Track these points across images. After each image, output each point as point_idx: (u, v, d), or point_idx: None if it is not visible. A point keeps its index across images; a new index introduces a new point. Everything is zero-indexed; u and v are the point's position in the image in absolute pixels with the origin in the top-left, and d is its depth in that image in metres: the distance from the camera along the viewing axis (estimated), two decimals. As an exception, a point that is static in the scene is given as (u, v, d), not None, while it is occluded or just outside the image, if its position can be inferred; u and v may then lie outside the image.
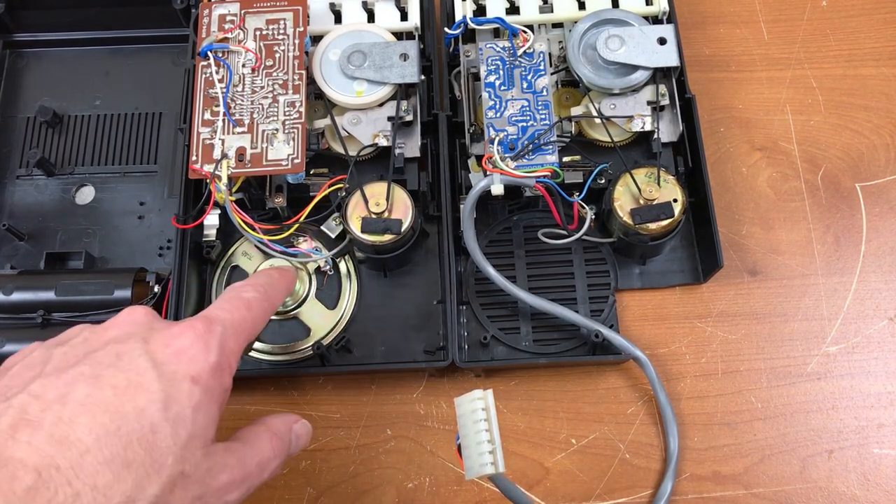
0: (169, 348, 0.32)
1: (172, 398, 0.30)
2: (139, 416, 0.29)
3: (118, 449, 0.28)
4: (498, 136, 0.47)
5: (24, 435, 0.27)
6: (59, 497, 0.26)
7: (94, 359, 0.31)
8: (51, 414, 0.28)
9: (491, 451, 0.33)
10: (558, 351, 0.48)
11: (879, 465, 0.46)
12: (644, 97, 0.50)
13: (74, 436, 0.28)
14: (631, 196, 0.47)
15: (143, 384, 0.30)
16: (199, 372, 0.32)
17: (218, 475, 0.32)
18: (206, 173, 0.45)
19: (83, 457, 0.27)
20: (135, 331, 0.33)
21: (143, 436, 0.29)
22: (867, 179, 0.53)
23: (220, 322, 0.34)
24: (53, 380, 0.30)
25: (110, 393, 0.29)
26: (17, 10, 0.56)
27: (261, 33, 0.48)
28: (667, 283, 0.51)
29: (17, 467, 0.26)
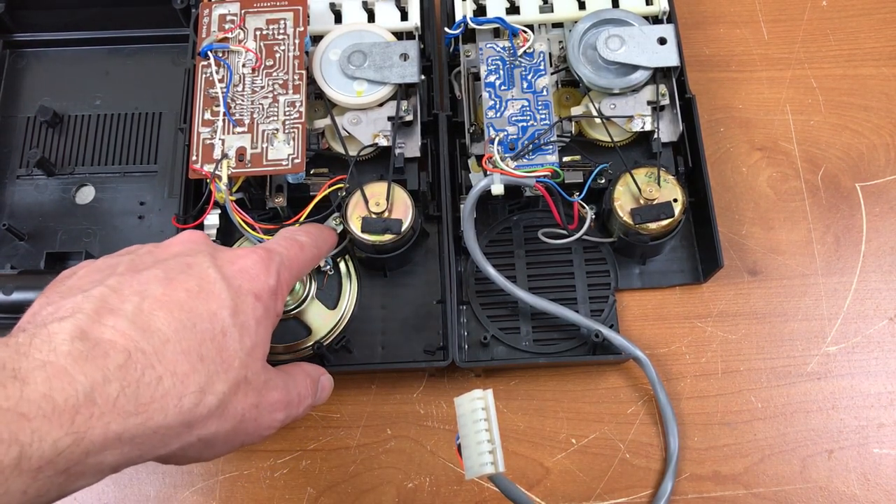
0: (234, 265, 0.34)
1: (239, 308, 0.32)
2: (211, 318, 0.31)
3: (194, 343, 0.30)
4: (498, 135, 0.47)
5: (109, 320, 0.29)
6: (146, 378, 0.28)
7: (165, 265, 0.32)
8: (130, 304, 0.30)
9: (491, 450, 0.33)
10: (558, 351, 0.48)
11: (879, 465, 0.46)
12: (644, 97, 0.50)
13: (154, 326, 0.29)
14: (631, 196, 0.47)
15: (214, 291, 0.32)
16: (261, 290, 0.34)
17: (271, 391, 0.34)
18: (206, 173, 0.45)
19: (164, 345, 0.29)
20: (199, 248, 0.35)
21: (214, 336, 0.31)
22: (867, 179, 0.53)
23: (278, 253, 0.36)
24: (128, 278, 0.31)
25: (184, 294, 0.31)
26: (17, 10, 0.56)
27: (261, 33, 0.48)
28: (667, 283, 0.51)
29: (108, 346, 0.28)
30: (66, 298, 0.30)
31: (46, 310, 0.30)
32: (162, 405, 0.28)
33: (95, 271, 0.33)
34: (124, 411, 0.27)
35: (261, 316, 0.33)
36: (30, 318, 0.31)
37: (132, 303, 0.30)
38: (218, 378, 0.30)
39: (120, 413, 0.27)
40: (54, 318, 0.29)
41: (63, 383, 0.26)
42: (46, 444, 0.25)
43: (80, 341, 0.27)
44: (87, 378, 0.26)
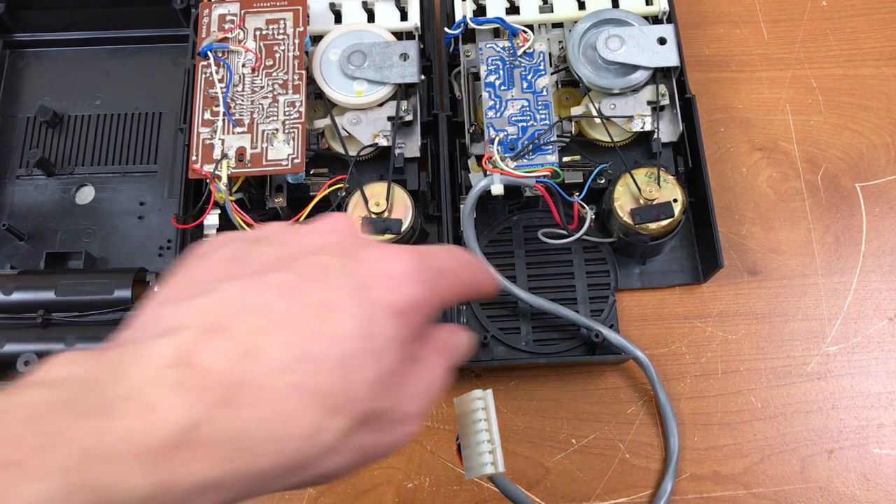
0: (376, 270, 0.28)
1: (373, 328, 0.27)
2: (337, 342, 0.26)
3: (310, 375, 0.25)
4: (498, 136, 0.47)
5: (219, 343, 0.25)
6: (250, 418, 0.24)
7: (294, 268, 0.27)
8: (244, 323, 0.25)
9: (490, 450, 0.33)
10: (558, 351, 0.48)
11: (879, 465, 0.46)
12: (644, 97, 0.50)
13: (268, 353, 0.25)
14: (631, 196, 0.47)
15: (344, 308, 0.26)
16: (406, 304, 0.28)
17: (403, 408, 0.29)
18: (206, 173, 0.45)
19: (275, 377, 0.25)
20: (345, 241, 0.29)
21: (339, 364, 0.26)
22: (867, 179, 0.53)
23: (436, 260, 0.30)
24: (250, 283, 0.27)
25: (308, 311, 0.26)
26: (17, 10, 0.56)
27: (261, 33, 0.48)
28: (667, 283, 0.51)
29: (209, 380, 0.24)
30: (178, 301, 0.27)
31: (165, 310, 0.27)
32: (270, 450, 0.24)
33: (222, 263, 0.28)
34: (222, 457, 0.24)
35: (399, 335, 0.27)
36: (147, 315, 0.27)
37: (248, 322, 0.25)
38: (339, 415, 0.26)
39: (217, 458, 0.23)
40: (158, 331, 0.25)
41: (155, 420, 0.23)
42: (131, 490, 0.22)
43: (181, 369, 0.24)
44: (184, 415, 0.23)
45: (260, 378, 0.24)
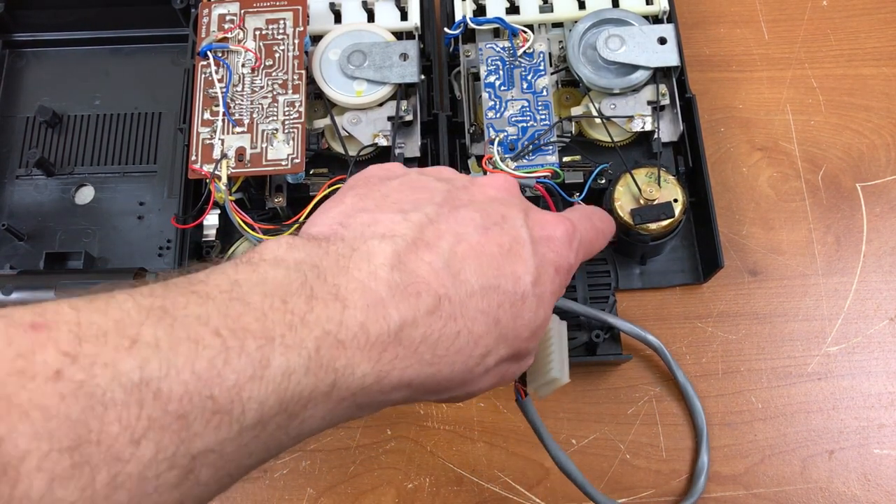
0: (543, 231, 0.31)
1: (541, 278, 0.30)
2: (515, 282, 0.29)
3: (494, 304, 0.28)
4: (498, 136, 0.47)
5: (426, 255, 0.27)
6: (447, 330, 0.27)
7: (483, 209, 0.30)
8: (447, 244, 0.28)
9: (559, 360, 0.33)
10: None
11: (880, 466, 0.46)
12: (644, 97, 0.50)
13: (465, 275, 0.28)
14: (631, 196, 0.47)
15: (522, 254, 0.30)
16: (561, 265, 0.32)
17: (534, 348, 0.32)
18: (205, 173, 0.45)
19: (469, 299, 0.28)
20: (513, 200, 0.32)
21: (514, 301, 0.29)
22: (868, 179, 0.53)
23: (580, 231, 0.34)
24: (447, 211, 0.30)
25: (496, 248, 0.29)
26: (17, 10, 0.56)
27: (260, 33, 0.48)
28: (667, 283, 0.50)
29: (422, 287, 0.26)
30: (383, 211, 0.29)
31: (361, 217, 0.29)
32: (452, 360, 0.27)
33: (411, 188, 0.31)
34: (422, 359, 0.26)
35: (556, 290, 0.31)
36: (342, 217, 0.29)
37: (448, 242, 0.28)
38: (505, 343, 0.29)
39: (418, 360, 0.26)
40: (373, 233, 0.28)
41: (378, 315, 0.25)
42: (355, 377, 0.24)
43: (399, 272, 0.26)
44: (400, 316, 0.25)
45: (456, 296, 0.27)
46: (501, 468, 0.47)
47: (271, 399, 0.22)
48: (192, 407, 0.21)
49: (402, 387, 0.26)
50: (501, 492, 0.46)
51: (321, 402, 0.24)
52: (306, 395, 0.23)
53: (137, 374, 0.20)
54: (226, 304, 0.23)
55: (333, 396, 0.24)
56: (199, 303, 0.23)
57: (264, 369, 0.22)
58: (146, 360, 0.21)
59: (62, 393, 0.19)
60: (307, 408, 0.24)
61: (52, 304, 0.21)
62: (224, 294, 0.23)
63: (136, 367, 0.20)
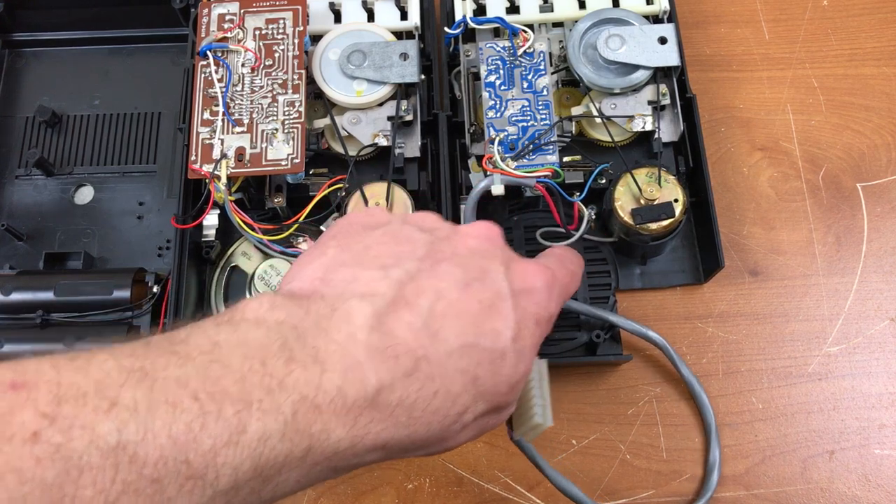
0: (524, 283, 0.31)
1: (521, 332, 0.30)
2: (495, 338, 0.29)
3: (472, 362, 0.28)
4: (498, 136, 0.46)
5: (406, 315, 0.27)
6: (424, 391, 0.27)
7: (464, 264, 0.30)
8: (426, 301, 0.28)
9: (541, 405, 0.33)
10: (559, 351, 0.48)
11: (881, 466, 0.46)
12: (645, 97, 0.49)
13: (443, 335, 0.28)
14: (632, 196, 0.47)
15: (503, 309, 0.29)
16: (541, 316, 0.31)
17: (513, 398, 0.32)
18: (205, 173, 0.45)
19: (447, 359, 0.27)
20: (493, 250, 0.32)
21: (493, 358, 0.29)
22: (868, 179, 0.53)
23: (559, 281, 0.33)
24: (428, 266, 0.29)
25: (476, 306, 0.29)
26: (16, 10, 0.56)
27: (260, 33, 0.48)
28: (668, 284, 0.50)
29: (400, 349, 0.27)
30: (363, 267, 0.29)
31: (342, 272, 0.29)
32: (429, 421, 0.27)
33: (393, 240, 0.31)
34: (398, 422, 0.26)
35: (537, 342, 0.31)
36: (323, 272, 0.29)
37: (428, 300, 0.28)
38: (483, 400, 0.29)
39: (394, 423, 0.26)
40: (353, 291, 0.28)
41: (356, 379, 0.25)
42: (330, 442, 0.25)
43: (378, 333, 0.26)
44: (377, 379, 0.26)
45: (434, 355, 0.27)
46: (501, 468, 0.47)
47: (246, 464, 0.23)
48: (166, 471, 0.21)
49: (376, 449, 0.26)
50: (501, 492, 0.46)
51: (296, 467, 0.24)
52: (281, 461, 0.24)
53: (115, 437, 0.20)
54: (205, 366, 0.23)
55: (308, 461, 0.24)
56: (179, 364, 0.23)
57: (240, 434, 0.22)
58: (124, 423, 0.21)
59: (38, 456, 0.19)
60: (281, 472, 0.24)
61: (34, 361, 0.21)
62: (204, 356, 0.24)
63: (115, 430, 0.21)
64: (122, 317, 0.47)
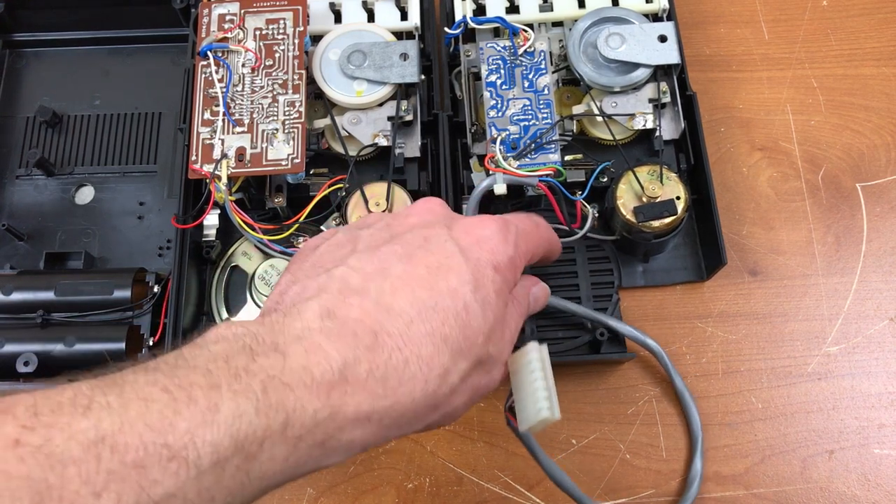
0: (471, 236, 0.32)
1: (479, 282, 0.31)
2: (453, 295, 0.30)
3: (437, 324, 0.29)
4: (500, 135, 0.46)
5: (354, 300, 0.29)
6: (393, 360, 0.28)
7: (403, 240, 0.32)
8: (373, 284, 0.30)
9: (547, 397, 0.33)
10: (563, 350, 0.48)
11: (880, 466, 0.46)
12: (645, 95, 0.50)
13: (398, 307, 0.29)
14: (634, 194, 0.47)
15: (453, 266, 0.31)
16: (499, 261, 0.32)
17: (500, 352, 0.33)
18: (205, 173, 0.45)
19: (409, 327, 0.29)
20: (435, 219, 0.34)
21: (457, 314, 0.30)
22: (868, 179, 0.53)
23: (514, 224, 0.35)
24: (368, 255, 0.31)
25: (424, 271, 0.30)
26: (16, 10, 0.56)
27: (260, 33, 0.48)
28: (670, 281, 0.50)
29: (357, 326, 0.28)
30: (311, 278, 0.31)
31: (293, 289, 0.31)
32: (409, 389, 0.28)
33: (336, 247, 0.33)
34: (374, 393, 0.27)
35: (500, 288, 0.32)
36: (278, 297, 0.31)
37: (375, 283, 0.30)
38: (461, 356, 0.30)
39: (370, 393, 0.27)
40: (302, 297, 0.30)
41: (319, 358, 0.27)
42: (307, 413, 0.26)
43: (330, 320, 0.28)
44: (340, 355, 0.27)
45: (394, 328, 0.28)
46: (501, 468, 0.47)
47: (225, 441, 0.24)
48: (147, 456, 0.22)
49: (360, 420, 0.27)
50: (501, 492, 0.46)
51: (278, 442, 0.25)
52: (260, 435, 0.25)
53: (93, 432, 0.22)
54: (172, 370, 0.25)
55: (289, 434, 0.25)
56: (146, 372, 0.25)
57: (214, 414, 0.24)
58: (100, 420, 0.22)
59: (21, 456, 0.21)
60: (263, 448, 0.25)
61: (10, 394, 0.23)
62: (169, 365, 0.25)
63: (92, 427, 0.22)
64: (123, 317, 0.47)
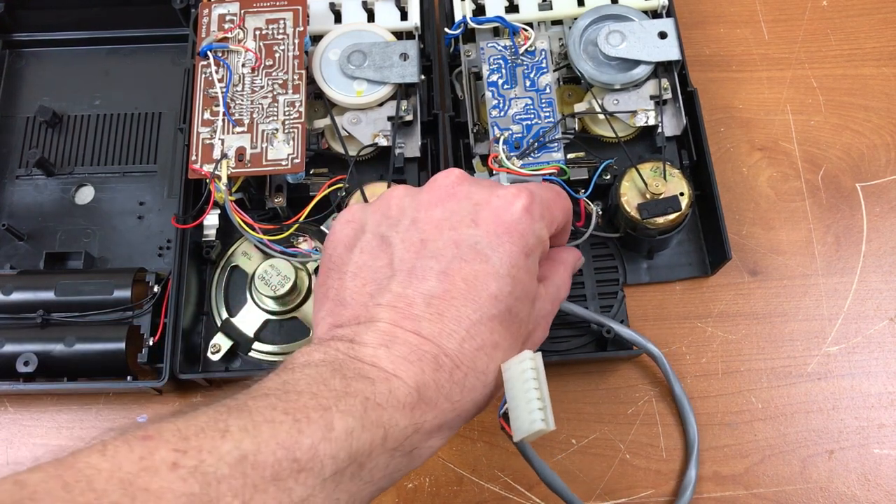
0: (499, 225, 0.33)
1: (517, 278, 0.33)
2: (495, 302, 0.32)
3: (486, 334, 0.32)
4: (503, 134, 0.47)
5: (408, 325, 0.31)
6: (454, 377, 0.31)
7: (435, 251, 0.33)
8: (419, 308, 0.32)
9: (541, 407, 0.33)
10: (569, 348, 0.48)
11: (880, 466, 0.46)
12: (646, 92, 0.50)
13: (448, 328, 0.31)
14: (637, 191, 0.47)
15: (490, 271, 0.32)
16: (530, 245, 0.33)
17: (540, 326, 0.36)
18: (205, 173, 0.45)
19: (461, 345, 0.31)
20: (461, 210, 0.34)
21: (503, 319, 0.32)
22: (868, 179, 0.53)
23: (539, 196, 0.35)
24: (406, 278, 0.33)
25: (463, 285, 0.32)
26: (17, 10, 0.56)
27: (260, 33, 0.48)
28: (675, 277, 0.50)
29: (417, 353, 0.31)
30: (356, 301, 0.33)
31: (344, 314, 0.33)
32: (471, 398, 0.32)
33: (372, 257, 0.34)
34: (444, 408, 0.31)
35: (534, 269, 0.34)
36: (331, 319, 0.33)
37: (420, 307, 0.32)
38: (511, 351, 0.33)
39: (442, 410, 0.31)
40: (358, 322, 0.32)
41: (398, 383, 0.30)
42: (399, 429, 0.29)
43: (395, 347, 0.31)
44: (413, 380, 0.30)
45: (450, 348, 0.31)
46: (501, 468, 0.47)
47: (342, 453, 0.28)
48: (282, 469, 0.26)
49: (437, 430, 0.31)
50: (501, 492, 0.46)
51: (380, 453, 0.29)
52: (367, 447, 0.28)
53: (237, 452, 0.26)
54: (283, 395, 0.28)
55: (388, 445, 0.29)
56: (263, 398, 0.28)
57: (330, 431, 0.27)
58: (240, 441, 0.26)
59: (182, 477, 0.24)
60: (371, 457, 0.29)
61: (152, 422, 0.26)
62: (279, 390, 0.29)
63: (234, 448, 0.26)
64: (123, 317, 0.47)
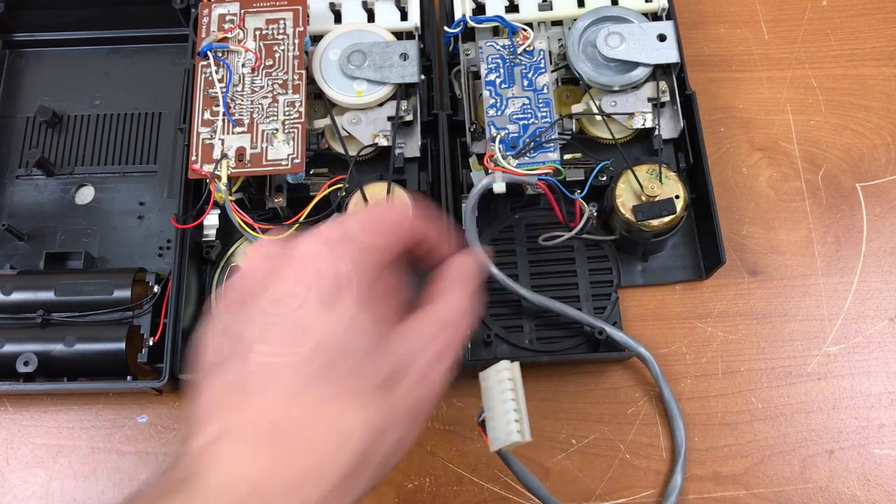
0: (310, 290, 0.29)
1: (348, 339, 0.29)
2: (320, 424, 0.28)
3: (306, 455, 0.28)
4: (499, 134, 0.46)
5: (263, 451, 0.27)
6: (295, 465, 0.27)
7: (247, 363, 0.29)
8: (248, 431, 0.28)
9: (518, 419, 0.32)
10: (562, 349, 0.48)
11: (880, 466, 0.46)
12: (644, 94, 0.50)
13: (286, 462, 0.27)
14: (633, 193, 0.47)
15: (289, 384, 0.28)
16: (326, 300, 0.29)
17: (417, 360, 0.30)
18: (205, 173, 0.45)
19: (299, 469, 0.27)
20: (248, 324, 0.30)
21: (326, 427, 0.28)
22: (868, 179, 0.53)
23: (348, 230, 0.31)
24: (237, 399, 0.29)
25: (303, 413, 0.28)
26: (17, 10, 0.56)
27: (261, 33, 0.48)
28: (669, 280, 0.50)
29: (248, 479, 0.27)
30: (215, 409, 0.29)
31: (205, 433, 0.28)
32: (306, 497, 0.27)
33: (219, 370, 0.30)
34: None
35: (356, 314, 0.29)
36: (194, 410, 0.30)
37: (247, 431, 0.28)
38: (360, 424, 0.28)
39: None
40: (209, 436, 0.28)
41: None
42: None
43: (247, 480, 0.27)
44: None
45: (289, 475, 0.27)
46: (501, 468, 0.47)
47: None
48: None
49: None
50: (501, 492, 0.46)
51: None
52: None
53: None
54: None
55: None
56: None
57: None
58: None
59: None
60: None
61: None
62: None
63: None
64: (123, 317, 0.47)
